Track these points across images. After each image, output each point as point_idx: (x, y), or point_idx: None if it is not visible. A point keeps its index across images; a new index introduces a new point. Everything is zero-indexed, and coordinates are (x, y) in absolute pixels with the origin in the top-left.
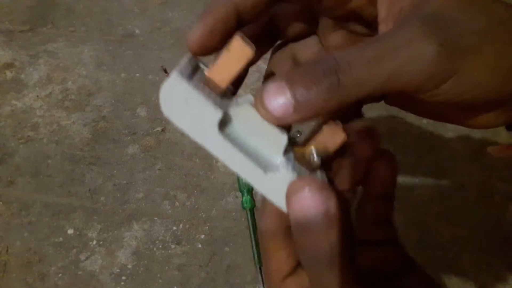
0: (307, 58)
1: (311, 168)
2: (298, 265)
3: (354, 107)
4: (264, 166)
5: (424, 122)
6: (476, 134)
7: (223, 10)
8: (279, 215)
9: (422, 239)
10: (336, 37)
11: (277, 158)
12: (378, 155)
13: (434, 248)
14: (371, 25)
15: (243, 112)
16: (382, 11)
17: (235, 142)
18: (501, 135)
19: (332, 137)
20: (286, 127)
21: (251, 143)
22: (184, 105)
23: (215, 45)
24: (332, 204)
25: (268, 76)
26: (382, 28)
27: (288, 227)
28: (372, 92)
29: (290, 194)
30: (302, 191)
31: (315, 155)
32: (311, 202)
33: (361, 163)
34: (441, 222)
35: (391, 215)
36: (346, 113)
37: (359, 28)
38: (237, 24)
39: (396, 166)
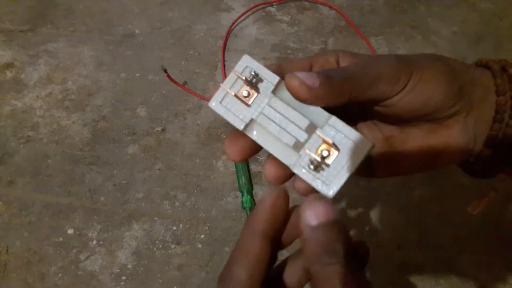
0: None
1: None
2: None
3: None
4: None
5: None
6: None
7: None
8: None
9: (422, 239)
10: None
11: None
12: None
13: (434, 248)
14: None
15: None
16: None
17: (263, 131)
18: None
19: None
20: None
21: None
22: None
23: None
24: (335, 213)
25: None
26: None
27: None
28: (360, 93)
29: (307, 203)
30: (316, 204)
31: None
32: (323, 209)
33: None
34: (441, 222)
35: None
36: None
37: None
38: None
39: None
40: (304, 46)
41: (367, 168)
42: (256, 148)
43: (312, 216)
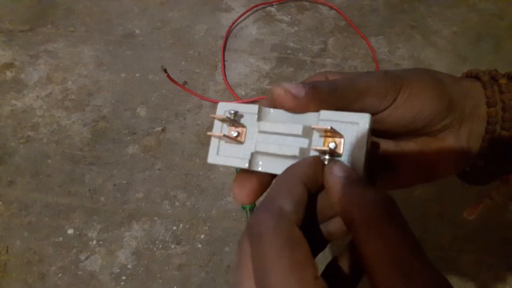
0: None
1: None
2: None
3: None
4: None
5: None
6: None
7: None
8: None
9: (422, 239)
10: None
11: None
12: None
13: (434, 248)
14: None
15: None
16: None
17: (268, 160)
18: None
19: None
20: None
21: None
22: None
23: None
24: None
25: None
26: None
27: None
28: (347, 105)
29: (332, 162)
30: (340, 163)
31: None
32: (347, 167)
33: None
34: (441, 222)
35: None
36: None
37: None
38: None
39: None
40: (304, 46)
41: (369, 178)
42: (264, 187)
43: (339, 169)
